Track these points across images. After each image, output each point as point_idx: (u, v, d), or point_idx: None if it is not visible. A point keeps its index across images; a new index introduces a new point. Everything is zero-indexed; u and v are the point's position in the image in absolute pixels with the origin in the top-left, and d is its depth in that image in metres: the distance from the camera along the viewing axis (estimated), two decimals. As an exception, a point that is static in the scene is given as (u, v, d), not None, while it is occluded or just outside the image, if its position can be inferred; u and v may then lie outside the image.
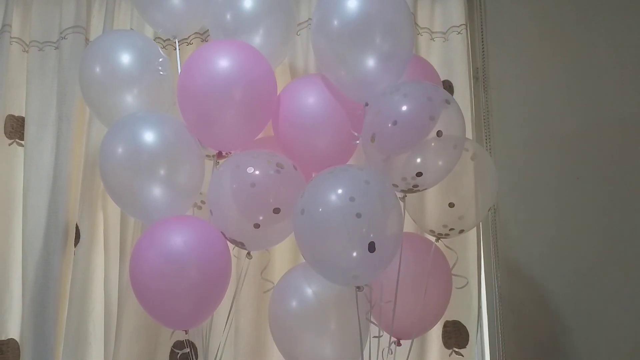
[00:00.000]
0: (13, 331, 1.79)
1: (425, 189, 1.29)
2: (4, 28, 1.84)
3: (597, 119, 1.87)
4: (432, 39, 1.89)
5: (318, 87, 1.39)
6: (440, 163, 1.26)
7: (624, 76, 1.88)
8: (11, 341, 1.78)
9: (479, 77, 1.93)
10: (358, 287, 1.25)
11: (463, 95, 1.84)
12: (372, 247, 1.15)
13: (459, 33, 1.86)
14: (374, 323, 1.32)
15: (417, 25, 1.87)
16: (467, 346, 1.76)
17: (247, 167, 1.26)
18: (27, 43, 1.88)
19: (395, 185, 1.27)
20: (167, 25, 1.54)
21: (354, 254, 1.16)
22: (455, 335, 1.76)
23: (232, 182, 1.29)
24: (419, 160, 1.23)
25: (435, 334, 1.78)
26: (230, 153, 1.41)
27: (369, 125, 1.28)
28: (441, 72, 1.85)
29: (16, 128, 1.86)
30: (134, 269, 1.27)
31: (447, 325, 1.77)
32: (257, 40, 1.45)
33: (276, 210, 1.26)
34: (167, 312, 1.27)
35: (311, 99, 1.39)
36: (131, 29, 1.83)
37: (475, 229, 1.80)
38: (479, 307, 1.77)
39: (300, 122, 1.39)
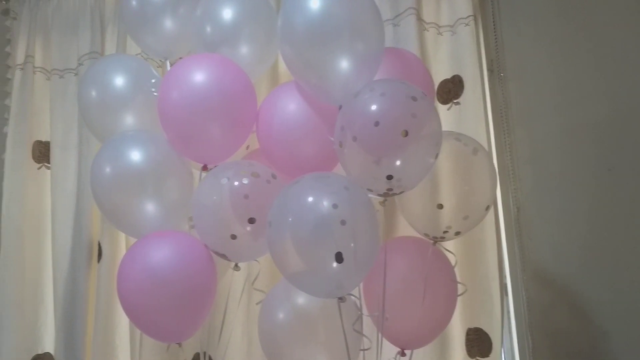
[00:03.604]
0: (48, 345, 1.89)
1: (402, 191, 1.22)
2: (27, 59, 1.96)
3: (629, 104, 1.71)
4: (440, 33, 1.81)
5: (295, 96, 1.36)
6: (417, 163, 1.19)
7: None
8: (47, 355, 1.88)
9: (494, 69, 1.83)
10: (340, 298, 1.21)
11: (474, 89, 1.74)
12: (339, 258, 1.10)
13: (467, 25, 1.77)
14: (360, 333, 1.27)
15: (423, 20, 1.81)
16: (490, 354, 1.65)
17: (221, 178, 1.26)
18: (49, 71, 1.99)
19: (370, 190, 1.22)
20: (158, 48, 1.57)
21: (325, 264, 1.12)
22: (478, 344, 1.67)
23: (208, 194, 1.29)
24: (393, 161, 1.18)
25: (458, 342, 1.69)
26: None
27: (347, 128, 1.24)
28: (450, 67, 1.79)
29: (43, 152, 1.97)
30: (119, 286, 1.30)
31: (469, 332, 1.68)
32: (239, 50, 1.45)
33: (251, 220, 1.24)
34: (154, 326, 1.28)
35: (289, 108, 1.36)
36: (142, 51, 1.89)
37: (494, 230, 1.71)
38: (502, 313, 1.66)
39: (279, 134, 1.37)
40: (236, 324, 1.71)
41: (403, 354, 1.42)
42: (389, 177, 1.17)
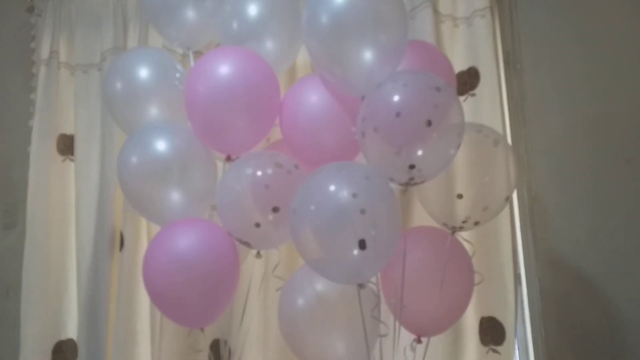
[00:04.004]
0: (71, 332, 1.94)
1: (424, 181, 1.25)
2: (51, 55, 2.01)
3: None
4: (456, 25, 1.83)
5: (318, 88, 1.39)
6: (438, 153, 1.22)
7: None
8: (70, 341, 1.93)
9: (510, 61, 1.85)
10: (360, 285, 1.24)
11: (490, 81, 1.76)
12: (362, 245, 1.14)
13: (483, 17, 1.79)
14: (378, 320, 1.30)
15: (439, 12, 1.83)
16: (504, 343, 1.68)
17: (245, 168, 1.30)
18: (73, 66, 2.04)
19: (391, 179, 1.25)
20: (181, 38, 1.60)
21: (345, 252, 1.16)
22: (492, 332, 1.69)
23: (231, 183, 1.33)
24: (414, 152, 1.20)
25: (471, 331, 1.72)
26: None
27: (369, 119, 1.26)
28: (466, 59, 1.81)
29: (68, 145, 2.02)
30: (145, 272, 1.35)
31: (482, 321, 1.71)
32: (264, 45, 1.48)
33: (275, 209, 1.28)
34: (178, 311, 1.33)
35: (312, 100, 1.39)
36: (163, 46, 1.93)
37: (509, 220, 1.73)
38: (516, 302, 1.69)
39: (303, 125, 1.41)
40: (253, 311, 1.75)
41: (419, 341, 1.45)
42: (412, 167, 1.19)
